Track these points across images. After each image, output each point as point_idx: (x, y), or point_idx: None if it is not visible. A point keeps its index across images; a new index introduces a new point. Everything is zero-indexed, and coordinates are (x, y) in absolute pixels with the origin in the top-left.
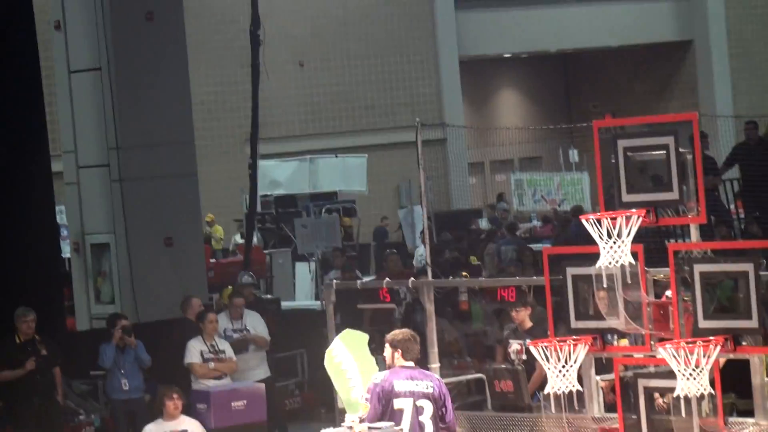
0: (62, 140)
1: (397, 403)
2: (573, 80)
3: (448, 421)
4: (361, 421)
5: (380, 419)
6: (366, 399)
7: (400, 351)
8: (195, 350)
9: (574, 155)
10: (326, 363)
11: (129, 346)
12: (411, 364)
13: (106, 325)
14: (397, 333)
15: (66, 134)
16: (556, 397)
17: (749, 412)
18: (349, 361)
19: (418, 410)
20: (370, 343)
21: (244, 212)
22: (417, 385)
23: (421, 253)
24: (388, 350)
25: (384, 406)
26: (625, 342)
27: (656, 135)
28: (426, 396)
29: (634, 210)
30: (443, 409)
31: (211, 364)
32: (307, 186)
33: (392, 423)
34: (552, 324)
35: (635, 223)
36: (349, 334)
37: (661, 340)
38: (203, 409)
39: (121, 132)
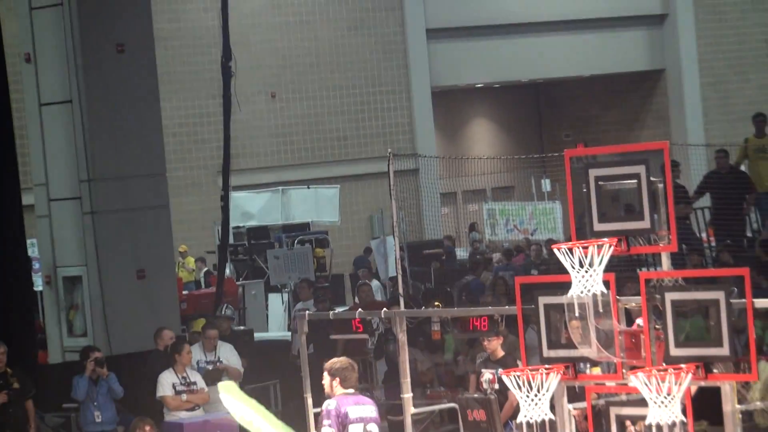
0: (33, 173)
1: (351, 429)
2: (545, 110)
3: None
4: None
5: None
6: (328, 425)
7: (338, 379)
8: (167, 383)
9: (546, 185)
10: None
11: (102, 378)
12: (351, 390)
13: (80, 358)
14: (335, 361)
15: (37, 167)
16: (529, 425)
17: None
18: (250, 414)
19: None
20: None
21: (217, 244)
22: (364, 410)
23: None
24: (326, 379)
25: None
26: (597, 370)
27: (628, 164)
28: (373, 420)
29: (605, 239)
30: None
31: (184, 396)
32: (279, 217)
33: None
34: (524, 353)
35: (607, 252)
36: (227, 388)
37: (633, 368)
38: None
39: (92, 164)
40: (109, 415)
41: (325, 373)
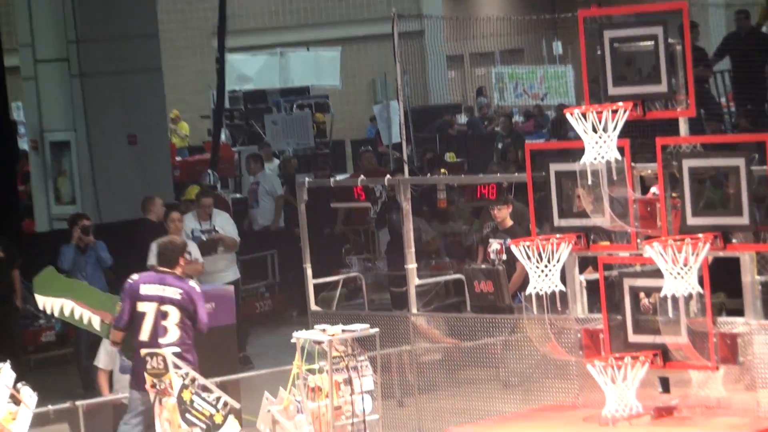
0: (19, 33)
1: (141, 306)
2: None
3: (200, 326)
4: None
5: (128, 317)
6: (119, 299)
7: (157, 257)
8: None
9: (557, 47)
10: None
11: (90, 247)
12: (166, 269)
13: (68, 226)
14: (161, 239)
15: (22, 26)
16: (538, 297)
17: (739, 312)
18: (61, 303)
19: (162, 315)
20: (344, 245)
21: (212, 108)
22: (164, 291)
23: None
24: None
25: (130, 306)
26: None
27: (644, 25)
28: (173, 302)
29: (620, 103)
30: (195, 315)
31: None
32: (277, 81)
33: (367, 325)
34: (534, 222)
35: (621, 117)
36: (38, 283)
37: (648, 238)
38: None
39: (81, 24)
40: (98, 286)
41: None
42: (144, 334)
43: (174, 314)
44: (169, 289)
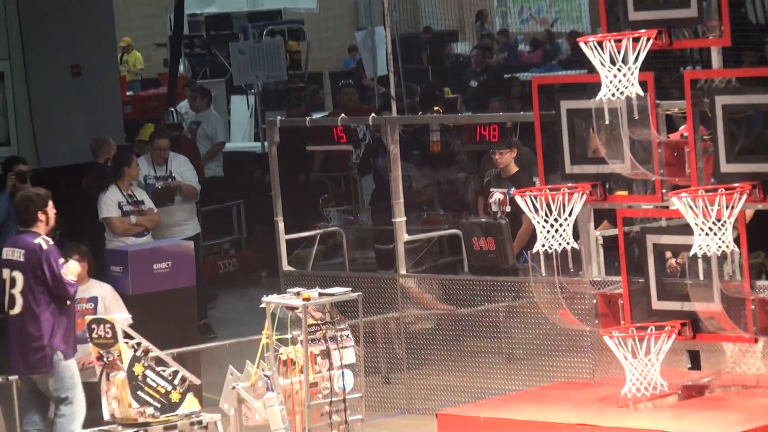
0: None
1: (4, 273)
2: None
3: (54, 287)
4: None
5: None
6: None
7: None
8: (112, 202)
9: None
10: None
11: None
12: (23, 229)
13: (2, 171)
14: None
15: None
16: (547, 256)
17: None
18: None
19: (11, 282)
20: (322, 195)
21: (168, 35)
22: (13, 253)
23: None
24: None
25: None
26: (625, 193)
27: None
28: (17, 267)
29: (643, 30)
30: (43, 277)
31: (133, 218)
32: (245, 3)
33: (348, 288)
34: (542, 169)
35: (644, 47)
36: None
37: (675, 188)
38: (118, 272)
39: None
40: None
41: None
42: (3, 306)
43: (19, 280)
44: (17, 251)
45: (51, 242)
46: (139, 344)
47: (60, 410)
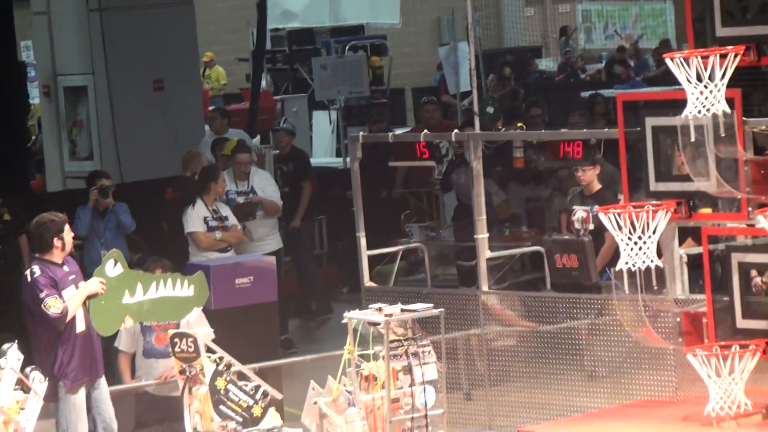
0: None
1: None
2: None
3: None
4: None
5: None
6: None
7: None
8: (197, 216)
9: None
10: None
11: (109, 210)
12: (36, 256)
13: (86, 185)
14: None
15: None
16: (630, 274)
17: None
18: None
19: None
20: (404, 210)
21: (251, 50)
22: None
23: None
24: None
25: None
26: (708, 210)
27: None
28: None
29: (730, 47)
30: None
31: (218, 234)
32: (327, 18)
33: (430, 305)
34: (626, 186)
35: (732, 63)
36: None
37: (762, 206)
38: None
39: None
40: None
41: None
42: None
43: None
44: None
45: (37, 273)
46: (221, 358)
47: None
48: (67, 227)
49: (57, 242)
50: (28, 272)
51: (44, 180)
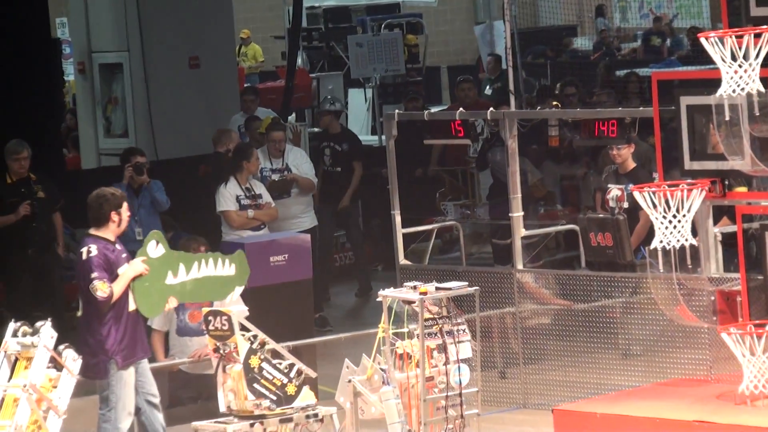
0: None
1: None
2: None
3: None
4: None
5: None
6: None
7: None
8: (230, 195)
9: None
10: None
11: (144, 188)
12: (91, 232)
13: (120, 163)
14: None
15: None
16: (665, 253)
17: None
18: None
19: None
20: (439, 188)
21: (287, 28)
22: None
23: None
24: None
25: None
26: (744, 189)
27: None
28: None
29: (765, 26)
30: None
31: (250, 212)
32: None
33: (465, 283)
34: (661, 165)
35: (766, 43)
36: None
37: None
38: None
39: None
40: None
41: None
42: None
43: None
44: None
45: (94, 253)
46: (255, 336)
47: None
48: (125, 205)
49: (114, 216)
50: (84, 250)
51: (79, 157)
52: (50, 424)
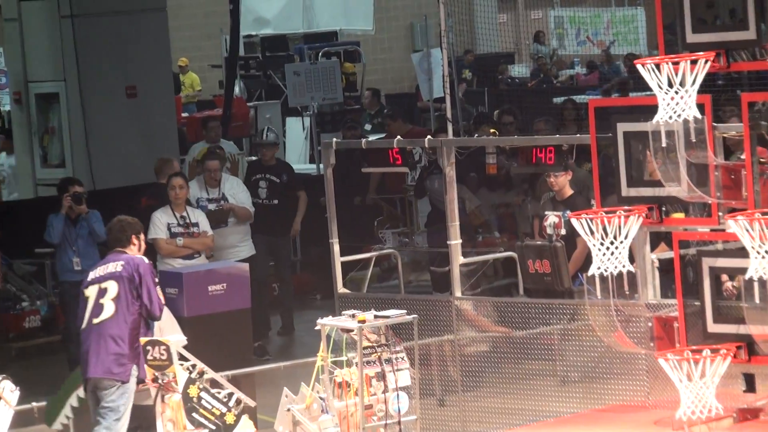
0: None
1: (87, 292)
2: None
3: (148, 307)
4: None
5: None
6: None
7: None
8: (160, 223)
9: None
10: None
11: (81, 218)
12: (115, 249)
13: (58, 192)
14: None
15: None
16: (603, 279)
17: None
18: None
19: (101, 293)
20: (377, 217)
21: (224, 56)
22: (107, 268)
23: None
24: None
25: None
26: (682, 215)
27: None
28: (113, 276)
29: (700, 53)
30: (138, 290)
31: (180, 240)
32: (300, 24)
33: (403, 311)
34: (598, 191)
35: (702, 69)
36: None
37: (732, 211)
38: (174, 294)
39: None
40: (89, 262)
41: None
42: (83, 321)
43: (112, 288)
44: (111, 265)
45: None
46: (194, 366)
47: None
48: (142, 234)
49: (135, 240)
50: (143, 258)
51: None
52: None
